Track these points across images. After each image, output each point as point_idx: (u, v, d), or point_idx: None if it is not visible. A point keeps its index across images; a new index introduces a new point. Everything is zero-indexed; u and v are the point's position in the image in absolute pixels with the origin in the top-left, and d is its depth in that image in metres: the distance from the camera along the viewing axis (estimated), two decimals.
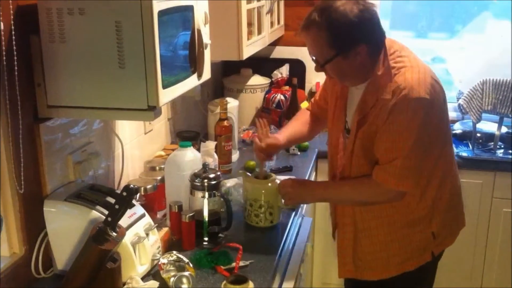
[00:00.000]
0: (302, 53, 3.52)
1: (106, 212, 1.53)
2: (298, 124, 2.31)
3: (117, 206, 1.49)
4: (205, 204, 1.89)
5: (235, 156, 2.70)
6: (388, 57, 1.81)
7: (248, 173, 2.12)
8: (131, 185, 1.50)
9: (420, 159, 1.80)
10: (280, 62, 3.38)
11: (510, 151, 3.06)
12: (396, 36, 2.20)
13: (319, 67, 1.82)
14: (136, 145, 2.29)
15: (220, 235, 1.94)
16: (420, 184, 1.86)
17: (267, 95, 3.19)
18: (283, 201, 2.09)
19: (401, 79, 1.75)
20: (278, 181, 2.06)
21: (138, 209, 1.73)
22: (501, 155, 3.03)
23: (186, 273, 1.62)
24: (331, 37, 1.73)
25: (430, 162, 1.87)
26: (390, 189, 1.82)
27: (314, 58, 1.83)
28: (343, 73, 1.82)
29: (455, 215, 2.07)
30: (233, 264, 1.74)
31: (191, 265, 1.70)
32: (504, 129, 3.10)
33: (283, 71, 3.29)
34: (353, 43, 1.74)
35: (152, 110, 1.47)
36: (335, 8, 1.70)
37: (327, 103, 2.13)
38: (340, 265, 2.07)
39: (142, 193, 1.93)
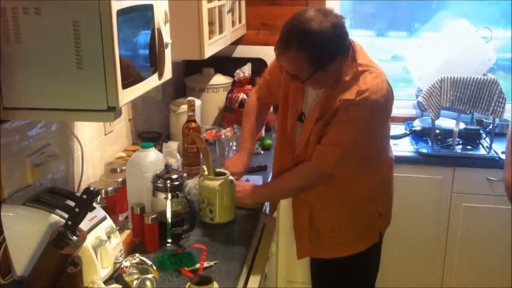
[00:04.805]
0: (264, 52, 3.53)
1: (66, 216, 1.50)
2: (252, 126, 2.40)
3: (77, 209, 1.46)
4: (168, 205, 1.87)
5: None
6: (356, 62, 1.92)
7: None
8: (92, 188, 1.47)
9: (359, 151, 1.98)
10: (242, 61, 3.36)
11: (468, 147, 3.13)
12: (356, 35, 2.24)
13: (300, 82, 1.95)
14: (96, 147, 2.25)
15: (183, 236, 1.93)
16: (356, 172, 2.03)
17: (230, 95, 3.18)
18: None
19: (362, 82, 1.90)
20: (230, 180, 2.08)
21: (99, 212, 1.70)
22: (459, 150, 3.10)
23: (150, 276, 1.61)
24: (310, 58, 1.81)
25: (377, 152, 2.09)
26: (325, 170, 1.98)
27: (293, 74, 1.91)
28: (320, 82, 1.94)
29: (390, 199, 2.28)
30: (198, 265, 1.73)
31: (154, 267, 1.68)
32: (462, 125, 3.16)
33: (246, 70, 3.28)
34: (331, 58, 1.84)
35: (112, 110, 1.44)
36: (309, 29, 1.77)
37: (278, 87, 2.17)
38: (298, 246, 2.21)
39: (103, 196, 1.90)
